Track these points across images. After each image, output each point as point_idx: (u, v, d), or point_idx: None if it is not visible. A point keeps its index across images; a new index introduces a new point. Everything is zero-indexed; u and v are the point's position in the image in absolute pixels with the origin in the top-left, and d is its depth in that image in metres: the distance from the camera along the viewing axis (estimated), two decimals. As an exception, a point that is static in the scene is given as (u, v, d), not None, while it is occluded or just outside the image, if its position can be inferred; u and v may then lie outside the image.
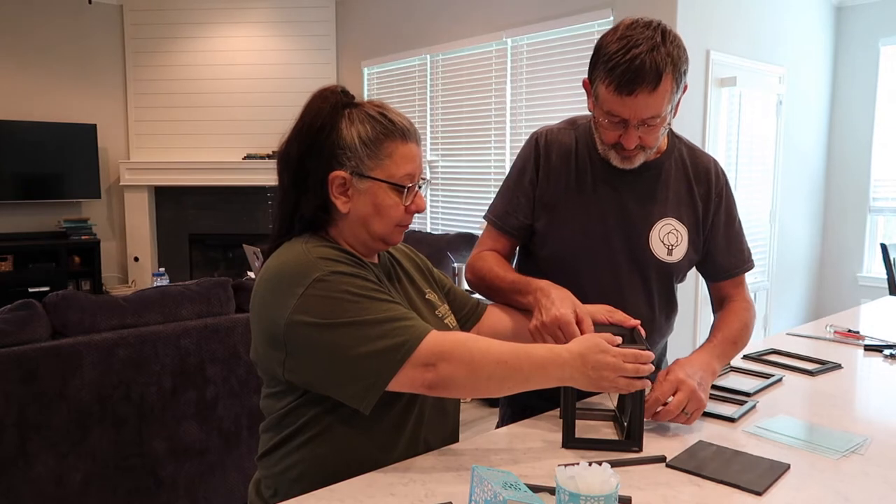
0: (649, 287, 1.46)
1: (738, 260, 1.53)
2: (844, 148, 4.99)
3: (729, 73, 3.97)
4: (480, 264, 1.49)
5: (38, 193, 6.01)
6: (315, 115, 1.13)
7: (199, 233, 6.57)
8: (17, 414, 2.07)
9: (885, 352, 1.75)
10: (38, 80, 6.05)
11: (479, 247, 1.54)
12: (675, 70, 1.25)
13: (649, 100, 1.25)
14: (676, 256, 1.45)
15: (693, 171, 1.48)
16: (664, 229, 1.44)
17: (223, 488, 2.52)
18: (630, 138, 1.31)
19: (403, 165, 1.14)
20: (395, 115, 1.15)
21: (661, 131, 1.34)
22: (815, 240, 5.08)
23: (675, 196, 1.46)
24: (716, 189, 1.49)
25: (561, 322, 1.23)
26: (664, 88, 1.25)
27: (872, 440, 1.20)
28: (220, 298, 2.54)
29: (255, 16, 6.25)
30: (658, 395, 1.22)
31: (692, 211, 1.47)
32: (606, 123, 1.33)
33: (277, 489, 1.14)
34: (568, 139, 1.48)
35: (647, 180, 1.44)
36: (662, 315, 1.51)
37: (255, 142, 6.22)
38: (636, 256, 1.44)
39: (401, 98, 5.61)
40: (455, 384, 1.06)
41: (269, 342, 1.08)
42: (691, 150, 1.51)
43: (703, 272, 1.56)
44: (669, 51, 1.24)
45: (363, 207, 1.14)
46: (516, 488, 0.85)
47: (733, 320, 1.47)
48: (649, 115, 1.27)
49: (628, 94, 1.24)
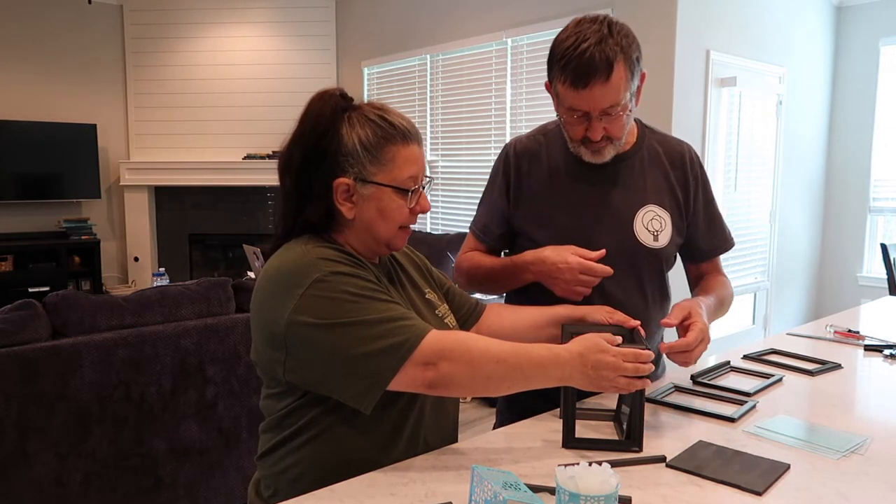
0: (640, 276, 1.49)
1: (720, 241, 1.58)
2: (844, 148, 4.99)
3: (729, 73, 3.97)
4: (467, 265, 1.55)
5: (38, 193, 6.01)
6: (316, 120, 1.12)
7: (199, 233, 6.57)
8: (17, 414, 2.07)
9: (885, 352, 1.75)
10: (39, 80, 6.05)
11: (461, 251, 1.61)
12: (626, 58, 1.30)
13: (605, 90, 1.29)
14: (662, 241, 1.48)
15: (667, 158, 1.52)
16: (647, 216, 1.47)
17: (223, 488, 2.52)
18: (595, 130, 1.35)
19: (406, 168, 1.14)
20: (395, 116, 1.14)
21: (626, 120, 1.38)
22: (815, 240, 5.08)
23: (653, 183, 1.49)
24: (692, 172, 1.52)
25: (581, 268, 1.33)
26: (618, 77, 1.29)
27: (872, 440, 1.20)
28: (220, 298, 2.54)
29: (255, 16, 6.25)
30: (690, 341, 1.26)
31: (671, 196, 1.50)
32: (571, 119, 1.37)
33: (277, 489, 1.14)
34: (537, 144, 1.53)
35: (623, 171, 1.48)
36: (656, 304, 1.53)
37: (255, 142, 6.22)
38: (623, 246, 1.46)
39: (401, 98, 5.61)
40: (455, 383, 1.07)
41: (270, 342, 1.08)
42: (662, 137, 1.55)
43: (685, 254, 1.59)
44: (618, 41, 1.29)
45: (368, 213, 1.14)
46: (516, 488, 0.85)
47: (723, 287, 1.53)
48: (608, 104, 1.31)
49: (584, 87, 1.29)
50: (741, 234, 4.32)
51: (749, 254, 4.43)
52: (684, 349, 1.26)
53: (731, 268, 4.25)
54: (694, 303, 1.35)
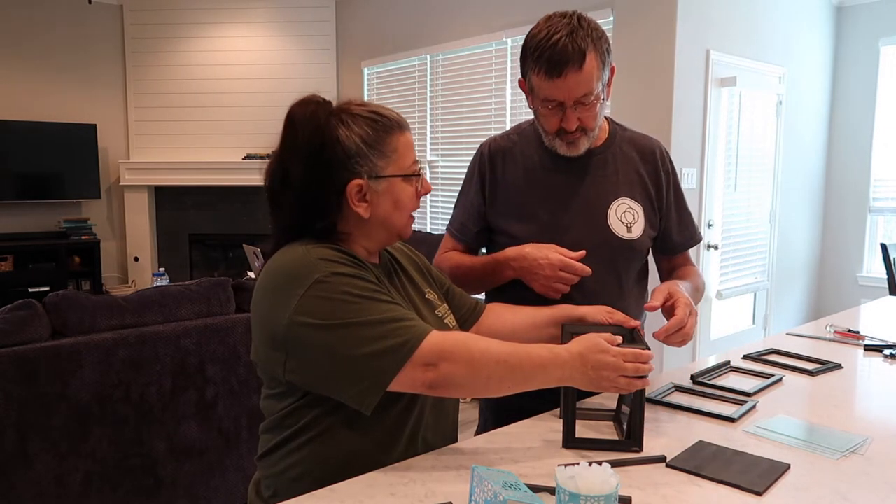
0: (616, 268, 1.51)
1: (689, 234, 1.62)
2: (844, 148, 4.99)
3: (729, 73, 3.97)
4: (447, 265, 1.57)
5: (38, 193, 6.01)
6: (309, 129, 1.11)
7: (199, 233, 6.57)
8: (17, 414, 2.07)
9: (885, 352, 1.75)
10: (39, 79, 6.05)
11: (438, 253, 1.63)
12: (596, 49, 1.35)
13: (579, 77, 1.33)
14: (636, 233, 1.51)
15: (639, 154, 1.56)
16: (620, 208, 1.50)
17: (223, 488, 2.52)
18: (570, 120, 1.39)
19: (408, 155, 1.17)
20: (384, 109, 1.16)
21: (599, 111, 1.41)
22: (815, 240, 5.08)
23: (625, 177, 1.53)
24: (663, 168, 1.57)
25: (561, 266, 1.37)
26: (590, 66, 1.34)
27: (872, 440, 1.20)
28: (220, 298, 2.54)
29: (255, 16, 6.25)
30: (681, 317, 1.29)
31: (644, 190, 1.54)
32: (545, 111, 1.41)
33: (277, 489, 1.14)
34: (510, 142, 1.57)
35: (595, 165, 1.52)
36: (632, 296, 1.55)
37: (255, 142, 6.22)
38: (598, 238, 1.48)
39: (401, 98, 5.61)
40: (456, 384, 1.07)
41: (270, 343, 1.08)
42: (634, 134, 1.60)
43: (658, 248, 1.62)
44: (588, 32, 1.35)
45: (384, 207, 1.15)
46: (516, 488, 0.85)
47: (695, 276, 1.58)
48: (581, 93, 1.35)
49: (558, 76, 1.33)
50: (741, 234, 4.32)
51: (749, 254, 4.43)
52: (679, 326, 1.29)
53: (731, 268, 4.25)
54: (672, 283, 1.39)
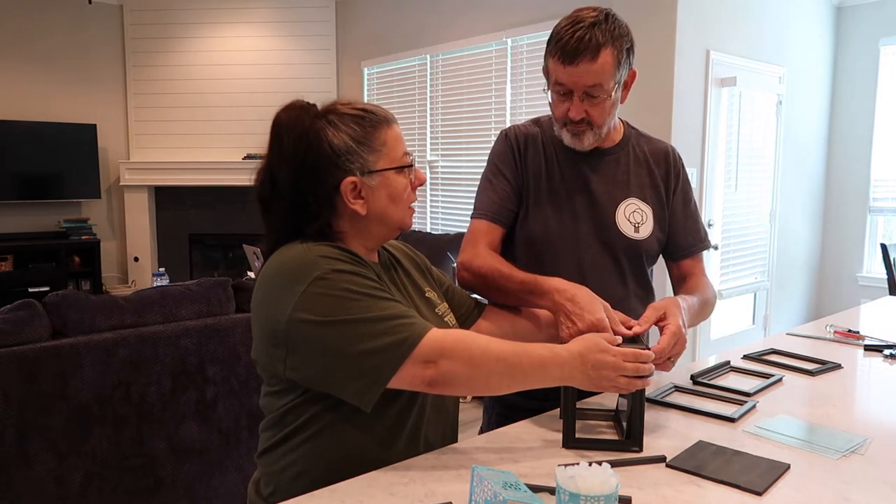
0: (621, 267, 1.51)
1: (695, 238, 1.60)
2: (844, 148, 4.98)
3: (729, 73, 3.97)
4: (480, 262, 1.45)
5: (38, 193, 6.00)
6: (295, 134, 1.13)
7: (199, 233, 6.57)
8: (17, 414, 2.07)
9: (885, 352, 1.75)
10: (38, 79, 6.05)
11: (472, 244, 1.50)
12: (615, 46, 1.35)
13: (590, 68, 1.34)
14: (644, 234, 1.51)
15: (652, 156, 1.56)
16: (629, 208, 1.51)
17: (223, 488, 2.52)
18: (576, 109, 1.39)
19: (398, 147, 1.17)
20: (370, 105, 1.17)
21: (609, 109, 1.41)
22: (815, 240, 5.08)
23: (637, 179, 1.53)
24: (674, 170, 1.57)
25: (599, 328, 1.24)
26: (604, 60, 1.34)
27: (872, 440, 1.20)
28: (220, 298, 2.54)
29: (255, 16, 6.25)
30: (663, 347, 1.24)
31: (654, 192, 1.54)
32: (556, 97, 1.42)
33: (277, 487, 1.14)
34: (533, 131, 1.58)
35: (608, 165, 1.52)
36: (637, 297, 1.54)
37: (255, 142, 6.21)
38: (605, 236, 1.49)
39: (401, 98, 5.61)
40: (455, 381, 1.07)
41: (270, 340, 1.08)
42: (647, 137, 1.61)
43: (665, 252, 1.61)
44: (610, 28, 1.35)
45: (380, 201, 1.16)
46: (516, 488, 0.85)
47: (707, 290, 1.54)
48: (591, 82, 1.35)
49: (570, 63, 1.34)
50: (741, 234, 4.32)
51: (749, 254, 4.43)
52: (659, 357, 1.23)
53: (731, 268, 4.25)
54: (670, 301, 1.33)
